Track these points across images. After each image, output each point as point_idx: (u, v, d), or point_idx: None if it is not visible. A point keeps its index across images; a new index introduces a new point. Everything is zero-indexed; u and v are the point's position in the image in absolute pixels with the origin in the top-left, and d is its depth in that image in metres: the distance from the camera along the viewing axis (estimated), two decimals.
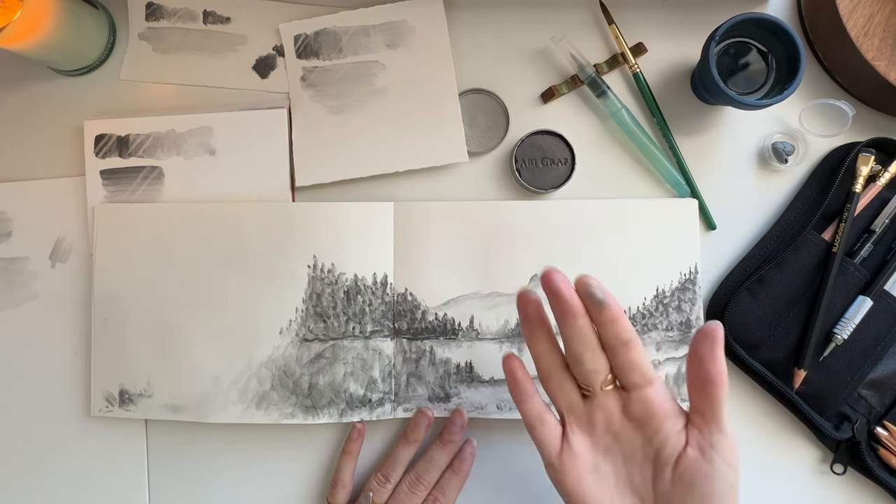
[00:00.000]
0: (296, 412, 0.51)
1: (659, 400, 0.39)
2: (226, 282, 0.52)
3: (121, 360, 0.52)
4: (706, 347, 0.37)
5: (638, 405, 0.39)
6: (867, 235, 0.51)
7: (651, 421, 0.39)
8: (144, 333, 0.52)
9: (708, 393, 0.37)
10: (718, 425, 0.38)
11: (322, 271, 0.52)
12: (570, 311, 0.38)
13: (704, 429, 0.38)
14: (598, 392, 0.39)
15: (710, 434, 0.38)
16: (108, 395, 0.52)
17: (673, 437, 0.38)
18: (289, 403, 0.51)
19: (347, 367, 0.51)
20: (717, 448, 0.37)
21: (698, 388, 0.38)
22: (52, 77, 0.56)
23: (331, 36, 0.55)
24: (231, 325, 0.52)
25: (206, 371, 0.51)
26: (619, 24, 0.54)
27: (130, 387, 0.52)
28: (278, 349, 0.51)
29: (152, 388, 0.52)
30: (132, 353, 0.52)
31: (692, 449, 0.38)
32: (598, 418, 0.40)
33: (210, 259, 0.52)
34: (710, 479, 0.37)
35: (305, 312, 0.51)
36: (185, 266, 0.52)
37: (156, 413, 0.51)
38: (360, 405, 0.51)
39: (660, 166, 0.53)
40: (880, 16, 0.50)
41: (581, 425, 0.40)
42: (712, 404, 0.37)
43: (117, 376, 0.52)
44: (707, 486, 0.37)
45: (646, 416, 0.39)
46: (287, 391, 0.51)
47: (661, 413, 0.39)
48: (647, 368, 0.39)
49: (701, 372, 0.37)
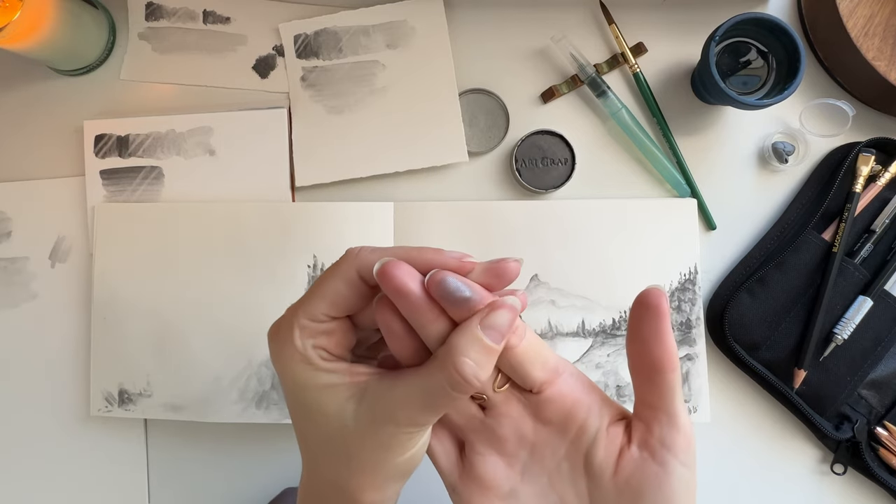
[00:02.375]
0: None
1: (575, 390, 0.31)
2: (225, 281, 0.52)
3: (120, 360, 0.52)
4: (648, 325, 0.30)
5: (549, 405, 0.31)
6: (867, 235, 0.51)
7: (570, 421, 0.31)
8: (144, 333, 0.52)
9: (655, 380, 0.30)
10: (670, 418, 0.30)
11: (321, 271, 0.51)
12: (423, 314, 0.29)
13: (653, 423, 0.30)
14: (493, 398, 0.32)
15: (661, 429, 0.30)
16: (107, 394, 0.52)
17: (603, 435, 0.31)
18: None
19: None
20: (670, 446, 0.30)
21: (643, 374, 0.31)
22: (52, 77, 0.56)
23: (331, 36, 0.55)
24: (231, 325, 0.52)
25: (206, 370, 0.51)
26: (619, 24, 0.54)
27: (130, 386, 0.52)
28: None
29: (152, 387, 0.51)
30: (132, 353, 0.52)
31: (637, 448, 0.30)
32: (505, 431, 0.32)
33: (210, 259, 0.52)
34: (663, 484, 0.29)
35: None
36: (184, 266, 0.52)
37: (156, 412, 0.51)
38: None
39: (660, 166, 0.53)
40: (880, 16, 0.50)
41: (487, 443, 0.32)
42: (661, 393, 0.30)
43: (117, 376, 0.52)
44: (659, 492, 0.29)
45: (562, 417, 0.31)
46: None
47: (580, 408, 0.31)
48: (547, 355, 0.31)
49: (645, 355, 0.30)
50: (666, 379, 0.30)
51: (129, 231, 0.53)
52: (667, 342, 0.30)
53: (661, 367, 0.30)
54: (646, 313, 0.30)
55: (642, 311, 0.30)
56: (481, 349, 0.28)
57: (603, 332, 0.52)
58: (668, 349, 0.30)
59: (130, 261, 0.53)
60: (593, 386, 0.32)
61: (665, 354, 0.30)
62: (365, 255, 0.30)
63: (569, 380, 0.32)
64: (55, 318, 0.54)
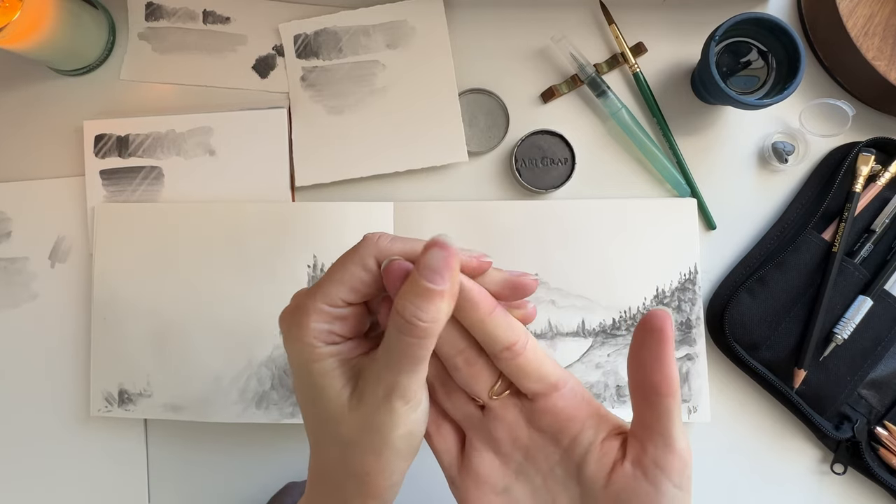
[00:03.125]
0: (296, 411, 0.51)
1: (570, 407, 0.32)
2: (226, 281, 0.52)
3: (120, 360, 0.52)
4: (650, 349, 0.30)
5: (545, 416, 0.32)
6: (867, 235, 0.51)
7: (564, 432, 0.32)
8: (144, 333, 0.52)
9: (653, 403, 0.30)
10: (666, 440, 0.30)
11: (321, 271, 0.52)
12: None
13: (648, 444, 0.30)
14: (489, 403, 0.32)
15: (655, 450, 0.30)
16: (107, 394, 0.52)
17: (596, 449, 0.31)
18: (289, 403, 0.51)
19: None
20: (664, 467, 0.30)
21: (641, 395, 0.31)
22: (52, 77, 0.56)
23: (331, 36, 0.55)
24: (231, 325, 0.52)
25: (206, 370, 0.51)
26: (619, 24, 0.54)
27: (130, 386, 0.52)
28: (278, 348, 0.51)
29: (152, 387, 0.51)
30: (132, 353, 0.52)
31: (630, 465, 0.30)
32: (500, 434, 0.33)
33: (210, 259, 0.52)
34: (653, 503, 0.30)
35: None
36: (184, 265, 0.52)
37: (156, 412, 0.51)
38: None
39: (660, 166, 0.53)
40: (880, 16, 0.50)
41: (483, 441, 0.33)
42: (658, 416, 0.30)
43: (117, 376, 0.52)
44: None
45: (556, 428, 0.32)
46: (287, 391, 0.51)
47: (575, 421, 0.32)
48: (546, 372, 0.31)
49: (644, 378, 0.30)
50: (663, 403, 0.30)
51: (129, 231, 0.53)
52: (667, 368, 0.30)
53: (660, 392, 0.30)
54: (649, 337, 0.30)
55: (645, 333, 0.30)
56: (419, 291, 0.28)
57: (603, 331, 0.52)
58: (668, 375, 0.30)
59: (130, 261, 0.53)
60: (592, 401, 0.33)
61: (664, 380, 0.30)
62: (384, 245, 0.31)
63: (567, 394, 0.32)
64: (55, 318, 0.54)
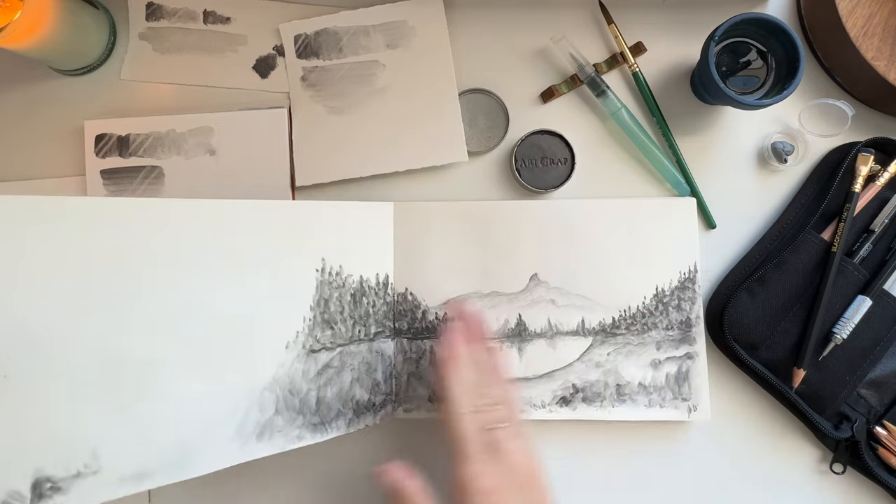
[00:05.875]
0: (303, 433, 0.46)
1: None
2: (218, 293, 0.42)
3: (35, 435, 0.35)
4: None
5: None
6: (866, 235, 0.51)
7: None
8: (85, 382, 0.37)
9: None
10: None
11: (331, 274, 0.49)
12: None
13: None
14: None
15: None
16: (10, 493, 0.34)
17: None
18: (295, 426, 0.45)
19: (354, 372, 0.49)
20: None
21: None
22: (53, 77, 0.56)
23: (331, 36, 0.55)
24: (225, 345, 0.42)
25: (188, 409, 0.40)
26: (618, 24, 0.54)
27: (56, 470, 0.35)
28: (283, 366, 0.45)
29: (100, 460, 0.36)
30: (59, 419, 0.36)
31: None
32: None
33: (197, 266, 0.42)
34: None
35: (313, 321, 0.47)
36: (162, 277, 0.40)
37: (108, 492, 0.37)
38: (365, 411, 0.50)
39: (660, 166, 0.53)
40: (880, 16, 0.50)
41: None
42: None
43: (29, 461, 0.35)
44: None
45: None
46: (293, 412, 0.45)
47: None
48: None
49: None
50: None
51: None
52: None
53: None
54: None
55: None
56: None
57: (603, 330, 0.52)
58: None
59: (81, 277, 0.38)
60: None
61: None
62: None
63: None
64: None
